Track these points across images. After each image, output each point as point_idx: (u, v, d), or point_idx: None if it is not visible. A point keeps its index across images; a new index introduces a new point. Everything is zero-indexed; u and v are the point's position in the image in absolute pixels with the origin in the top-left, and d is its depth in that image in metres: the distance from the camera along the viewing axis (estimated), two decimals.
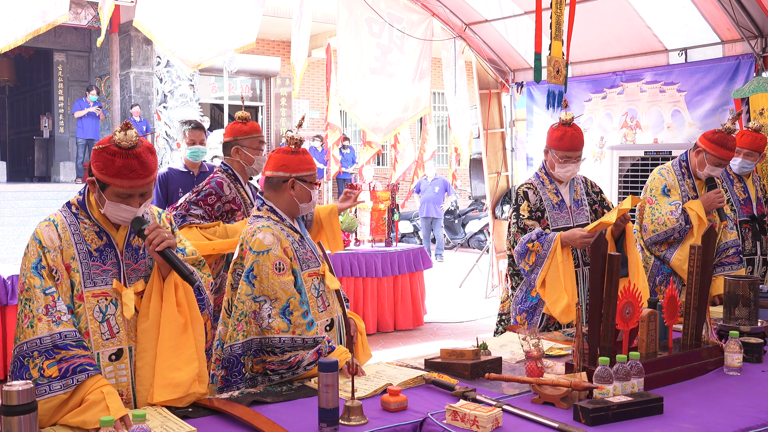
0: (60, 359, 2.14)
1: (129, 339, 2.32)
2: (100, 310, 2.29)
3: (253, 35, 6.07)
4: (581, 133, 3.72)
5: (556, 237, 3.60)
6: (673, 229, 3.96)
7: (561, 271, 3.58)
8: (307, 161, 2.87)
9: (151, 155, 2.27)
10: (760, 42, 5.94)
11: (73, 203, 2.36)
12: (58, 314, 2.18)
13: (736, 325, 3.02)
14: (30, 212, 11.28)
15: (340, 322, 2.91)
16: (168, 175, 5.15)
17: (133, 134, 2.21)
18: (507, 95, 8.31)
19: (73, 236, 2.30)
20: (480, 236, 14.51)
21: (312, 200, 2.89)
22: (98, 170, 2.24)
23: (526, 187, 3.79)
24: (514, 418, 2.20)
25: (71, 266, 2.27)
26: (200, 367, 2.35)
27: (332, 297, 2.90)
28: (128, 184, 2.23)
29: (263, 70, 17.06)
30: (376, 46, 7.42)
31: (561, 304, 3.56)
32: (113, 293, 2.31)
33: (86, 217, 2.33)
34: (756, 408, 2.31)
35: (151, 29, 5.74)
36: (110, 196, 2.26)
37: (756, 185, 4.57)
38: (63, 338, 2.16)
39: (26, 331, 2.16)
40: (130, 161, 2.21)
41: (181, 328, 2.33)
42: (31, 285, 2.21)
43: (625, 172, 6.58)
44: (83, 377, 2.14)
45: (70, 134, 14.70)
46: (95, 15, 12.70)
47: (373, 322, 7.21)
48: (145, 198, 2.31)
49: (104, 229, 2.34)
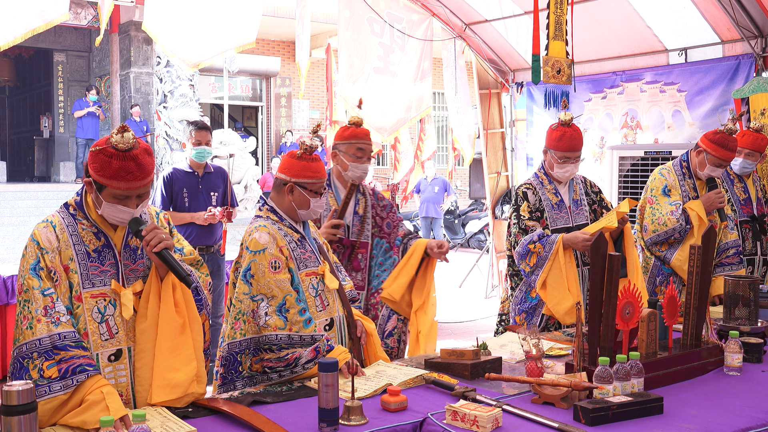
0: (59, 360, 2.14)
1: (128, 339, 2.32)
2: (98, 310, 2.29)
3: (252, 35, 6.07)
4: (580, 134, 3.72)
5: (558, 239, 3.60)
6: (673, 230, 3.96)
7: (564, 273, 3.58)
8: (311, 169, 2.83)
9: (149, 157, 2.27)
10: (760, 42, 5.94)
11: (71, 204, 2.36)
12: (57, 315, 2.19)
13: (736, 325, 3.02)
14: (30, 212, 11.27)
15: (341, 321, 2.91)
16: (173, 175, 5.15)
17: (130, 136, 2.21)
18: (507, 95, 8.31)
19: (71, 237, 2.30)
20: (480, 236, 14.51)
21: (311, 208, 2.86)
22: (95, 172, 2.24)
23: (526, 187, 3.79)
24: (514, 418, 2.20)
25: (69, 267, 2.27)
26: (198, 367, 2.35)
27: (332, 297, 2.90)
28: (125, 186, 2.23)
29: (263, 70, 17.06)
30: (379, 45, 7.42)
31: (565, 305, 3.56)
32: (112, 294, 2.32)
33: (84, 218, 2.34)
34: (756, 408, 2.31)
35: (154, 30, 5.75)
36: (107, 198, 2.26)
37: (756, 185, 4.57)
38: (62, 339, 2.17)
39: (25, 332, 2.17)
40: (127, 163, 2.21)
41: (179, 329, 2.33)
42: (29, 286, 2.21)
43: (625, 172, 6.58)
44: (83, 378, 2.14)
45: (70, 134, 14.70)
46: (95, 15, 12.69)
47: None
48: (143, 199, 2.31)
49: (102, 230, 2.34)
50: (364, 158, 3.57)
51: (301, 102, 17.76)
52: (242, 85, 17.55)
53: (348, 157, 3.56)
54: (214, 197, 5.23)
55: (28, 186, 13.09)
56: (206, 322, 2.47)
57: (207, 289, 2.52)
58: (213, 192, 5.23)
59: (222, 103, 15.43)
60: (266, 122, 17.74)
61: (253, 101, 17.93)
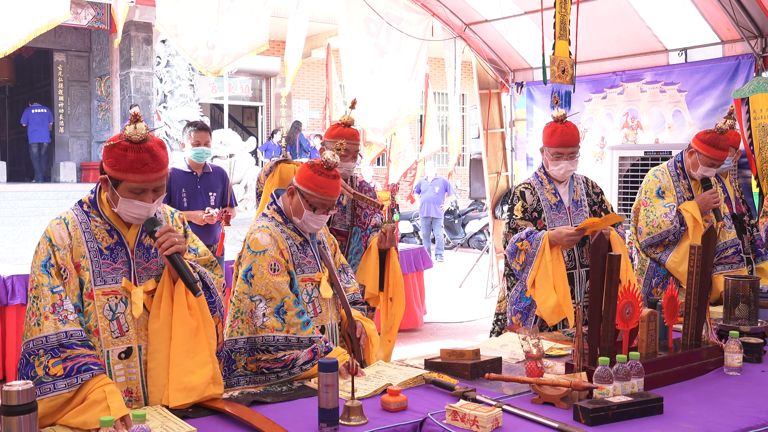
0: (65, 358, 2.15)
1: (138, 338, 2.32)
2: (109, 308, 2.29)
3: (265, 36, 6.14)
4: (573, 129, 3.69)
5: (545, 236, 3.57)
6: (667, 231, 3.95)
7: (550, 271, 3.55)
8: (316, 182, 2.76)
9: (162, 150, 2.26)
10: (760, 42, 5.94)
11: (85, 201, 2.36)
12: (65, 313, 2.19)
13: (736, 325, 3.02)
14: (30, 212, 11.27)
15: (332, 329, 2.90)
16: (171, 175, 5.16)
17: (142, 127, 2.20)
18: (507, 95, 8.31)
19: (84, 234, 2.30)
20: (480, 236, 14.51)
21: (302, 219, 2.81)
22: (110, 167, 2.23)
23: (524, 187, 3.78)
24: (514, 418, 2.20)
25: (81, 264, 2.27)
26: (214, 369, 2.34)
27: (326, 305, 2.88)
28: (141, 178, 2.22)
29: (263, 70, 17.06)
30: (374, 46, 7.42)
31: (549, 303, 3.53)
32: (123, 291, 2.32)
33: (97, 216, 2.33)
34: (756, 408, 2.31)
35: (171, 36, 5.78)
36: (123, 193, 2.25)
37: (733, 185, 4.59)
38: (69, 337, 2.17)
39: (33, 328, 2.17)
40: (142, 155, 2.20)
41: (193, 331, 2.32)
42: (39, 283, 2.22)
43: (625, 172, 6.58)
44: (87, 376, 2.15)
45: (71, 134, 14.71)
46: (95, 15, 12.69)
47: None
48: (158, 194, 2.30)
49: (115, 228, 2.34)
50: (348, 157, 3.75)
51: (301, 102, 17.76)
52: (242, 85, 17.54)
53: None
54: (213, 197, 5.24)
55: (28, 186, 13.09)
56: (219, 324, 2.47)
57: (221, 290, 2.50)
58: (211, 192, 5.24)
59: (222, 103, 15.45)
60: (266, 122, 17.74)
61: (253, 101, 17.93)
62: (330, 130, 3.83)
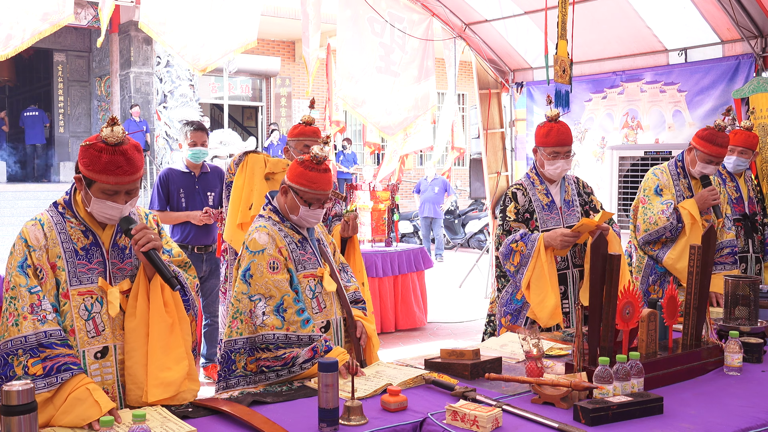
0: (45, 358, 2.16)
1: (114, 337, 2.34)
2: (85, 308, 2.31)
3: (254, 34, 6.09)
4: (567, 129, 3.71)
5: (539, 237, 3.57)
6: (664, 228, 3.96)
7: (546, 272, 3.55)
8: (308, 178, 2.78)
9: (138, 153, 2.29)
10: (760, 42, 5.94)
11: (60, 203, 2.39)
12: (43, 313, 2.21)
13: (736, 325, 3.02)
14: (30, 212, 11.26)
15: (338, 324, 2.90)
16: (168, 175, 5.16)
17: (119, 130, 2.24)
18: (507, 95, 8.31)
19: (59, 235, 2.32)
20: (480, 236, 14.51)
21: (299, 215, 2.83)
22: (85, 167, 2.26)
23: (516, 188, 3.78)
24: (514, 418, 2.20)
25: (57, 265, 2.29)
26: (190, 365, 2.38)
27: (330, 299, 2.89)
28: (114, 180, 2.24)
29: (263, 70, 17.06)
30: (380, 45, 7.43)
31: (548, 304, 3.52)
32: (99, 291, 2.33)
33: (72, 216, 2.36)
34: (756, 408, 2.31)
35: (157, 33, 5.77)
36: (96, 193, 2.27)
37: (748, 184, 4.59)
38: (48, 337, 2.19)
39: (11, 329, 2.19)
40: (116, 158, 2.23)
41: (169, 328, 2.35)
42: (16, 283, 2.23)
43: (625, 172, 6.58)
44: (67, 376, 2.16)
45: (71, 134, 14.71)
46: (95, 15, 12.70)
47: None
48: (131, 196, 2.33)
49: (90, 228, 2.36)
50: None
51: (301, 102, 17.75)
52: (242, 85, 17.55)
53: (297, 153, 3.94)
54: (211, 197, 5.24)
55: (28, 186, 13.10)
56: (193, 322, 2.50)
57: (194, 290, 2.54)
58: (210, 192, 5.24)
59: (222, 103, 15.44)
60: (266, 122, 17.74)
61: (253, 101, 17.94)
62: (292, 130, 4.03)
